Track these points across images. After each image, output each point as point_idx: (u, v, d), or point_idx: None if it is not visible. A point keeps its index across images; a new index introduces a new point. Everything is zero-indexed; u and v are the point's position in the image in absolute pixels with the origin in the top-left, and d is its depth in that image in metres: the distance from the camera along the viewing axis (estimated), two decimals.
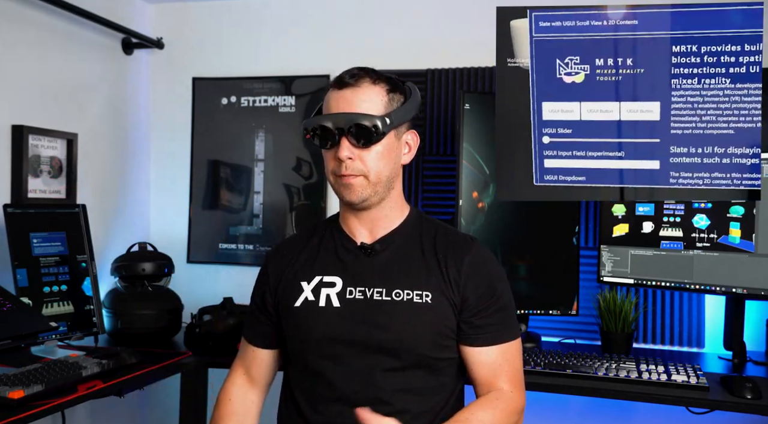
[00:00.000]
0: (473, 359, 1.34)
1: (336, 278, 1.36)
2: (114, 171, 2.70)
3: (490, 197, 2.18)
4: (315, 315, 1.35)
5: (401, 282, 1.33)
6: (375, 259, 1.36)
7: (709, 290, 2.04)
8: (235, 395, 1.49)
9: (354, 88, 1.31)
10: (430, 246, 1.37)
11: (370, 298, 1.32)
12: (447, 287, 1.32)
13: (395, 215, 1.39)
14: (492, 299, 1.34)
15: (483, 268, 1.35)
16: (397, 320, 1.30)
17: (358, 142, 1.28)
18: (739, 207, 1.95)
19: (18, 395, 1.49)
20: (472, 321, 1.33)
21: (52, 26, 2.33)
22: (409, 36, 2.61)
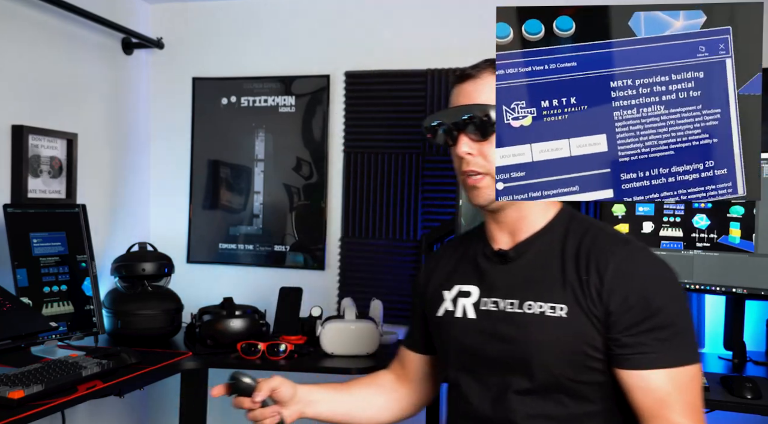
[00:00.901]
0: (630, 385, 1.13)
1: (473, 287, 1.27)
2: (114, 171, 2.70)
3: None
4: (452, 326, 1.28)
5: (534, 293, 1.19)
6: (511, 267, 1.23)
7: (709, 290, 2.04)
8: (379, 373, 1.48)
9: (474, 79, 1.21)
10: (573, 251, 1.19)
11: (502, 309, 1.21)
12: (586, 299, 1.14)
13: (537, 216, 1.24)
14: (647, 314, 1.11)
15: (634, 276, 1.13)
16: (527, 336, 1.17)
17: (476, 136, 1.17)
18: (739, 207, 1.95)
19: (18, 395, 1.49)
20: (620, 339, 1.12)
21: (52, 26, 2.34)
22: (409, 36, 2.61)
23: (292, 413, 1.28)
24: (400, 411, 1.43)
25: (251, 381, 1.22)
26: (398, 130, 2.61)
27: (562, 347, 1.14)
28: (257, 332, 2.19)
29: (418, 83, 2.59)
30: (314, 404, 1.32)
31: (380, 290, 2.58)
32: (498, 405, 1.20)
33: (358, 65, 2.66)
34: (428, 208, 2.58)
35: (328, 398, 1.35)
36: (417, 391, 1.45)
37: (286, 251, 2.75)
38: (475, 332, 1.24)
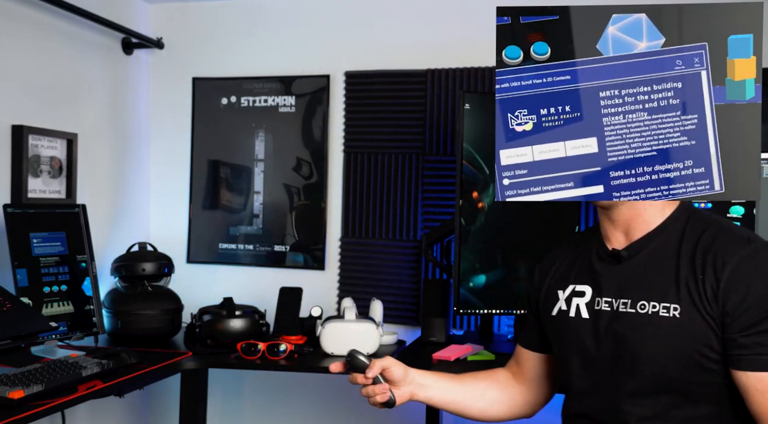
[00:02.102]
0: (746, 386, 1.11)
1: (586, 287, 1.28)
2: (114, 171, 2.70)
3: (490, 197, 2.19)
4: (566, 326, 1.30)
5: (647, 293, 1.18)
6: (625, 266, 1.23)
7: None
8: (495, 369, 1.50)
9: None
10: (690, 251, 1.17)
11: (616, 310, 1.21)
12: (701, 299, 1.12)
13: (653, 214, 1.23)
14: (766, 314, 1.09)
15: (753, 275, 1.11)
16: (639, 336, 1.17)
17: None
18: (739, 207, 1.95)
19: (18, 395, 1.49)
20: (736, 339, 1.10)
21: (52, 26, 2.34)
22: (409, 36, 2.61)
23: (403, 393, 1.34)
24: (513, 408, 1.44)
25: (365, 359, 1.31)
26: (398, 130, 2.61)
27: (675, 347, 1.14)
28: (257, 332, 2.19)
29: (418, 83, 2.59)
30: (426, 388, 1.37)
31: (380, 290, 2.58)
32: (610, 406, 1.20)
33: (358, 65, 2.66)
34: (428, 208, 2.58)
35: (440, 385, 1.39)
36: (532, 389, 1.45)
37: (286, 251, 2.75)
38: (588, 331, 1.25)
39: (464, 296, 2.17)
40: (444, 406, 1.40)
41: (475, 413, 1.42)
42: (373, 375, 1.30)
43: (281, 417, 2.77)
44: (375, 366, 1.30)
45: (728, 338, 1.11)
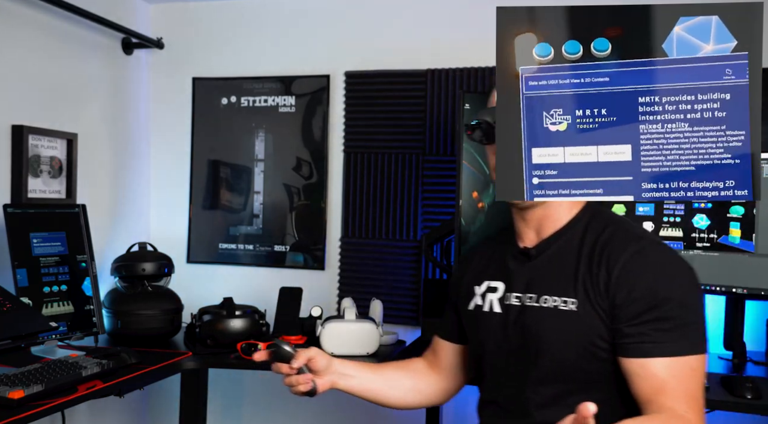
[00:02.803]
0: (630, 372, 1.18)
1: (500, 283, 1.36)
2: (114, 171, 2.70)
3: (490, 197, 2.18)
4: (480, 320, 1.38)
5: (550, 288, 1.26)
6: (533, 263, 1.31)
7: (709, 290, 2.04)
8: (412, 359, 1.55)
9: None
10: (590, 247, 1.25)
11: (523, 304, 1.30)
12: (595, 293, 1.21)
13: (562, 215, 1.31)
14: (651, 306, 1.16)
15: (643, 269, 1.19)
16: (542, 328, 1.25)
17: None
18: (739, 207, 1.95)
19: (18, 395, 1.49)
20: (622, 329, 1.18)
21: (52, 26, 2.34)
22: (409, 36, 2.61)
23: (324, 382, 1.37)
24: (428, 396, 1.51)
25: (291, 349, 1.32)
26: (398, 130, 2.61)
27: (573, 338, 1.22)
28: (257, 332, 2.19)
29: (418, 83, 2.59)
30: (347, 378, 1.41)
31: (380, 290, 2.58)
32: (517, 394, 1.29)
33: (358, 65, 2.66)
34: (428, 208, 2.58)
35: (360, 375, 1.44)
36: (447, 378, 1.52)
37: (286, 251, 2.75)
38: (499, 325, 1.33)
39: None
40: (363, 394, 1.44)
41: (392, 402, 1.47)
42: (298, 366, 1.32)
43: (281, 417, 2.77)
44: (300, 357, 1.32)
45: (616, 328, 1.19)
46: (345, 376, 1.41)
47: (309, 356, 1.35)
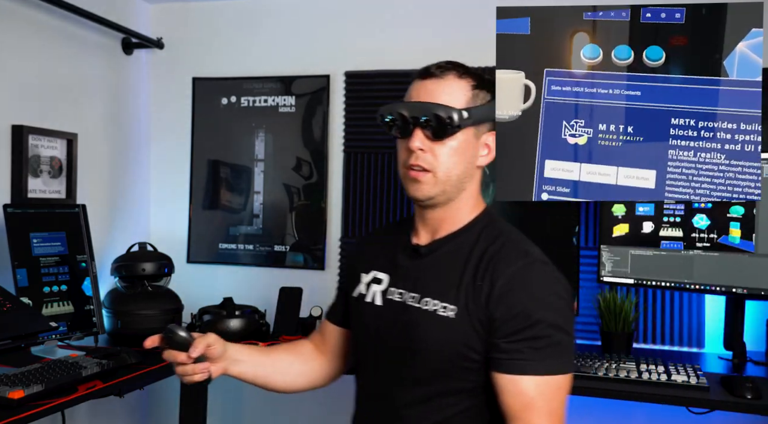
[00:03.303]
0: (500, 387, 1.18)
1: (385, 275, 1.34)
2: (114, 171, 2.70)
3: (490, 197, 2.18)
4: (362, 309, 1.36)
5: (433, 291, 1.24)
6: (421, 262, 1.29)
7: (709, 290, 2.04)
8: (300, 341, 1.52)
9: (437, 79, 1.24)
10: (478, 257, 1.23)
11: (404, 302, 1.28)
12: (475, 304, 1.19)
13: (461, 218, 1.29)
14: (527, 324, 1.16)
15: (523, 287, 1.18)
16: (418, 329, 1.23)
17: (432, 134, 1.21)
18: (739, 207, 1.95)
19: (18, 395, 1.49)
20: (498, 344, 1.18)
21: (52, 26, 2.34)
22: (409, 36, 2.61)
23: (217, 368, 1.30)
24: (313, 380, 1.47)
25: (188, 336, 1.22)
26: None
27: (445, 345, 1.21)
28: (257, 332, 2.19)
29: None
30: (239, 364, 1.34)
31: None
32: (384, 390, 1.28)
33: (358, 65, 2.66)
34: None
35: (252, 360, 1.38)
36: (332, 362, 1.49)
37: (286, 250, 2.75)
38: (378, 318, 1.31)
39: None
40: (253, 380, 1.39)
41: (280, 386, 1.43)
42: (198, 354, 1.24)
43: (281, 417, 2.77)
44: (200, 344, 1.24)
45: (492, 342, 1.18)
46: (237, 361, 1.34)
47: (208, 342, 1.26)
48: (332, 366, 1.49)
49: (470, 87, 1.24)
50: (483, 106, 1.24)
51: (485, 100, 1.25)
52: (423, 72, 1.27)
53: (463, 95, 1.23)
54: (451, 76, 1.24)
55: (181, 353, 1.23)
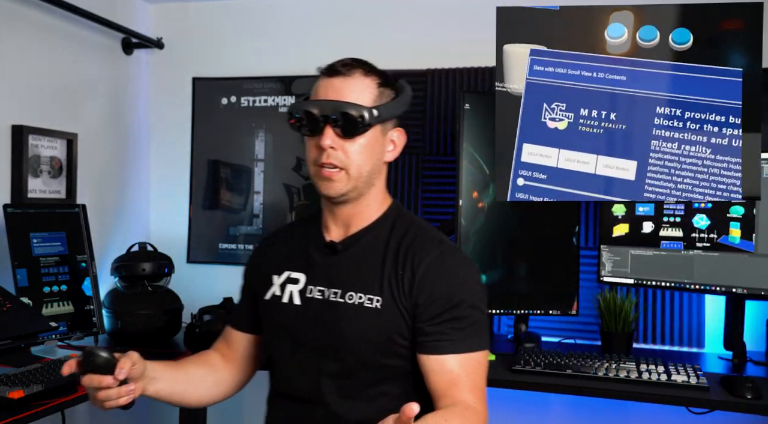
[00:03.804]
0: (428, 368, 1.24)
1: (301, 274, 1.34)
2: (114, 171, 2.70)
3: (490, 197, 2.18)
4: (278, 310, 1.34)
5: (356, 285, 1.27)
6: (339, 258, 1.31)
7: (709, 290, 2.04)
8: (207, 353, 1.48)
9: (345, 77, 1.29)
10: (395, 248, 1.29)
11: (326, 298, 1.29)
12: (399, 292, 1.25)
13: (371, 213, 1.33)
14: (448, 307, 1.23)
15: (442, 272, 1.25)
16: (345, 323, 1.26)
17: (343, 132, 1.24)
18: (739, 207, 1.95)
19: (18, 395, 1.49)
20: (423, 328, 1.24)
21: (52, 26, 2.33)
22: (409, 36, 2.61)
23: (137, 388, 1.21)
24: (225, 391, 1.44)
25: (111, 356, 1.11)
26: None
27: (374, 334, 1.25)
28: None
29: (418, 83, 2.58)
30: (156, 382, 1.27)
31: None
32: (314, 387, 1.28)
33: None
34: (428, 208, 2.58)
35: (168, 377, 1.31)
36: (240, 369, 1.46)
37: None
38: (298, 317, 1.31)
39: None
40: (169, 397, 1.32)
41: (194, 401, 1.38)
42: (125, 376, 1.13)
43: None
44: (126, 365, 1.13)
45: (417, 326, 1.24)
46: (154, 379, 1.26)
47: (133, 361, 1.17)
48: (242, 373, 1.47)
49: (376, 85, 1.29)
50: (389, 104, 1.28)
51: (390, 98, 1.30)
52: (329, 70, 1.32)
53: (370, 93, 1.27)
54: (357, 74, 1.29)
55: (106, 377, 1.11)
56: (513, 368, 1.87)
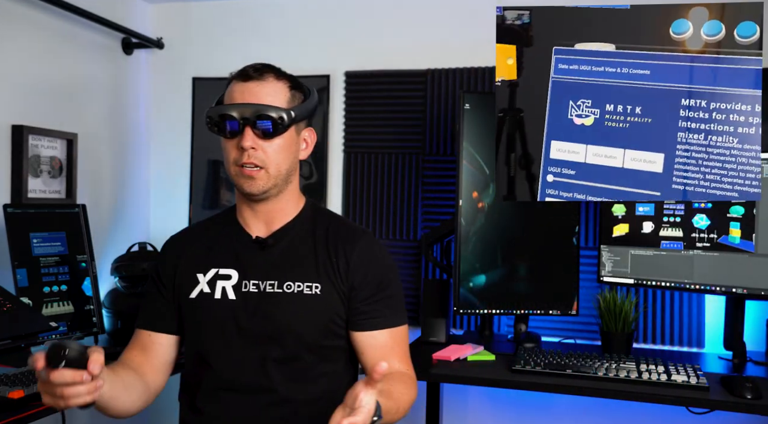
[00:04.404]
0: (364, 344, 1.39)
1: (232, 270, 1.39)
2: (114, 171, 2.70)
3: (490, 197, 2.18)
4: (210, 307, 1.37)
5: (293, 275, 1.37)
6: (269, 252, 1.40)
7: (709, 290, 2.04)
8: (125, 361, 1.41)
9: (259, 81, 1.34)
10: (323, 238, 1.41)
11: (263, 291, 1.36)
12: (336, 278, 1.37)
13: (291, 208, 1.43)
14: (380, 287, 1.39)
15: (372, 258, 1.41)
16: (286, 311, 1.34)
17: (263, 133, 1.32)
18: (739, 207, 1.95)
19: (18, 395, 1.49)
20: (359, 308, 1.38)
21: (52, 26, 2.34)
22: (409, 36, 2.61)
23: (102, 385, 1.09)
24: (147, 398, 1.38)
25: (83, 349, 1.01)
26: (398, 130, 2.61)
27: (315, 318, 1.36)
28: None
29: (418, 83, 2.59)
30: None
31: None
32: (258, 374, 1.34)
33: (358, 65, 2.66)
34: (428, 208, 2.58)
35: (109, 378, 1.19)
36: (162, 375, 1.43)
37: None
38: (236, 311, 1.36)
39: (464, 296, 2.17)
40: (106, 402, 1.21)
41: (125, 408, 1.29)
42: (100, 370, 1.03)
43: None
44: (101, 358, 1.03)
45: (353, 307, 1.38)
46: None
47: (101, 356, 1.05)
48: (163, 379, 1.44)
49: (288, 88, 1.37)
50: (302, 105, 1.38)
51: (301, 100, 1.39)
52: (241, 74, 1.36)
53: (284, 96, 1.35)
54: (270, 78, 1.35)
55: (79, 372, 1.00)
56: (513, 368, 1.87)
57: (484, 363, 1.97)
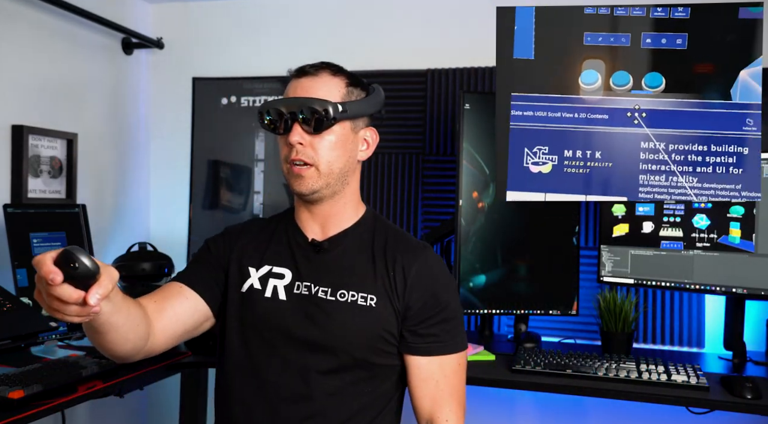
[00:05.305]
0: (413, 369, 1.31)
1: (286, 270, 1.33)
2: (114, 171, 2.70)
3: (490, 197, 2.18)
4: (259, 304, 1.31)
5: (348, 283, 1.30)
6: (324, 257, 1.33)
7: (709, 290, 2.04)
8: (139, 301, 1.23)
9: (313, 76, 1.30)
10: (381, 250, 1.33)
11: (314, 295, 1.30)
12: (393, 294, 1.30)
13: (349, 214, 1.36)
14: (436, 310, 1.30)
15: (430, 277, 1.32)
16: (336, 321, 1.28)
17: (310, 128, 1.25)
18: (739, 207, 1.95)
19: (18, 395, 1.49)
20: (415, 330, 1.30)
21: (52, 26, 2.34)
22: (409, 36, 2.61)
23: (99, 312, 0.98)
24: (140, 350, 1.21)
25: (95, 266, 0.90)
26: (398, 130, 2.61)
27: (367, 332, 1.28)
28: None
29: (418, 83, 2.59)
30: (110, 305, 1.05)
31: None
32: (299, 382, 1.27)
33: (358, 65, 2.66)
34: (428, 208, 2.58)
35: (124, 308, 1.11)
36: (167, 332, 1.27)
37: None
38: (284, 312, 1.30)
39: (464, 296, 2.17)
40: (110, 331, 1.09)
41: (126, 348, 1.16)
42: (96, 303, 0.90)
43: None
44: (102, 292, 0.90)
45: (410, 328, 1.30)
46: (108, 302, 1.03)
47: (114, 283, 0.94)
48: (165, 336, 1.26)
49: (344, 84, 1.31)
50: (358, 102, 1.31)
51: (360, 97, 1.33)
52: (298, 71, 1.33)
53: (338, 91, 1.29)
54: (325, 74, 1.31)
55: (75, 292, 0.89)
56: (513, 368, 1.87)
57: (484, 363, 1.97)
